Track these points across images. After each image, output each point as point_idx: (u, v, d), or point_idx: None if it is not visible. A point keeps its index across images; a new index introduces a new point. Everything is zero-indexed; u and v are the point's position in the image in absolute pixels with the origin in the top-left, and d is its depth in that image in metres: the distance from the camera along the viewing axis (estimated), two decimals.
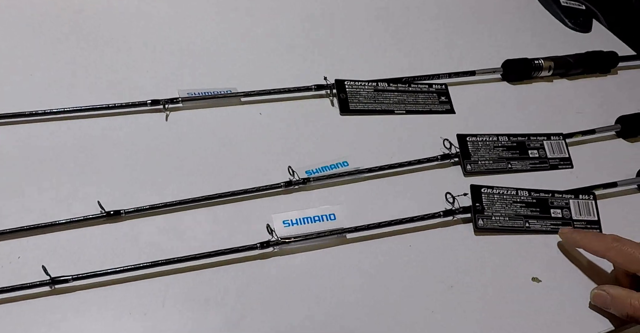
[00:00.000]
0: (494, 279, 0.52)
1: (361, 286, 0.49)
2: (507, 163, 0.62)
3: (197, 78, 0.65)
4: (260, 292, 0.48)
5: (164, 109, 0.59)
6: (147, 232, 0.50)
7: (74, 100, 0.58)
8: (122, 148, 0.56)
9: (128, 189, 0.53)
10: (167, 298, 0.46)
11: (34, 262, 0.46)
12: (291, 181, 0.55)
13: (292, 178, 0.55)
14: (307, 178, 0.56)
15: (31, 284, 0.43)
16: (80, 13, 0.70)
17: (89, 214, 0.49)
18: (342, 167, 0.57)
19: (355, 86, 0.65)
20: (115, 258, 0.47)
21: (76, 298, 0.45)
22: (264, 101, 0.63)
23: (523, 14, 0.87)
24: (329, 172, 0.57)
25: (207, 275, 0.48)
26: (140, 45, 0.68)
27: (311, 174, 0.56)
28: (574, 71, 0.75)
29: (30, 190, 0.51)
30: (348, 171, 0.57)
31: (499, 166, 0.62)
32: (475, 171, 0.61)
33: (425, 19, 0.81)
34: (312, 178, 0.56)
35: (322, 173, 0.56)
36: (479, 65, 0.72)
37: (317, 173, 0.56)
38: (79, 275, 0.44)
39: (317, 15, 0.77)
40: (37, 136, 0.56)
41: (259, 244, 0.49)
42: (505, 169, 0.62)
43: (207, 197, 0.52)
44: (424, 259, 0.52)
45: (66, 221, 0.48)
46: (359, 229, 0.52)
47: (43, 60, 0.64)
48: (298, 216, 0.51)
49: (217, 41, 0.70)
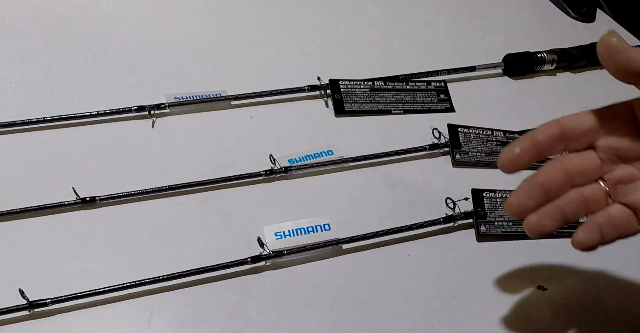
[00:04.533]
0: (498, 288, 0.50)
1: (359, 299, 0.47)
2: None
3: (184, 82, 0.63)
4: (252, 309, 0.45)
5: (150, 116, 0.57)
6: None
7: (55, 108, 0.56)
8: (107, 158, 0.54)
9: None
10: (153, 318, 0.44)
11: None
12: (272, 169, 0.53)
13: (274, 166, 0.53)
14: (288, 167, 0.54)
15: (7, 309, 0.41)
16: (62, 16, 0.68)
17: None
18: (327, 156, 0.56)
19: (350, 85, 0.63)
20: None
21: (57, 321, 0.43)
22: (256, 103, 0.61)
23: (525, 5, 0.85)
24: (313, 161, 0.55)
25: (196, 292, 0.46)
26: (124, 49, 0.66)
27: (294, 163, 0.54)
28: (578, 64, 0.73)
29: (10, 200, 0.50)
30: (332, 161, 0.55)
31: (491, 160, 0.59)
32: (464, 162, 0.59)
33: (423, 12, 0.79)
34: (294, 166, 0.54)
35: (304, 162, 0.54)
36: (480, 60, 0.70)
37: (300, 162, 0.54)
38: (58, 297, 0.42)
39: (308, 13, 0.75)
40: (18, 146, 0.54)
41: (250, 258, 0.47)
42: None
43: (185, 185, 0.52)
44: (424, 269, 0.50)
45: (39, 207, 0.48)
46: (355, 239, 0.50)
47: (23, 66, 0.62)
48: (291, 227, 0.49)
49: (205, 43, 0.68)
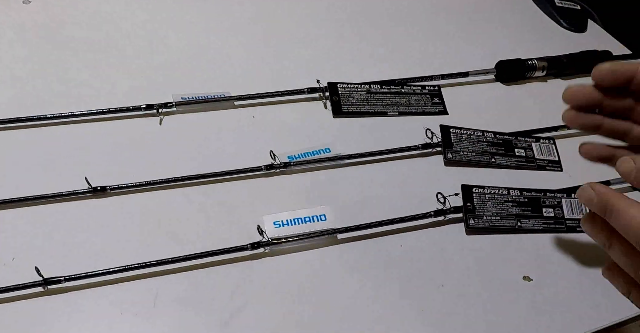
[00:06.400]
0: (485, 278, 0.52)
1: (351, 285, 0.50)
2: (490, 157, 0.62)
3: (191, 83, 0.65)
4: (251, 292, 0.48)
5: (158, 113, 0.60)
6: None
7: (74, 105, 0.59)
8: (117, 151, 0.57)
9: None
10: (158, 298, 0.46)
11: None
12: (272, 164, 0.56)
13: (274, 161, 0.56)
14: (287, 163, 0.57)
15: (24, 285, 0.44)
16: (84, 24, 0.71)
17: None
18: (324, 153, 0.59)
19: (347, 88, 0.66)
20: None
21: (69, 298, 0.45)
22: (258, 104, 0.64)
23: (518, 15, 0.87)
24: (311, 157, 0.58)
25: (198, 276, 0.48)
26: (136, 53, 0.68)
27: (293, 159, 0.57)
28: (568, 71, 0.75)
29: (29, 188, 0.52)
30: (329, 157, 0.58)
31: (482, 159, 0.61)
32: (456, 161, 0.61)
33: (418, 20, 0.82)
34: (293, 162, 0.57)
35: (303, 159, 0.58)
36: (474, 67, 0.72)
37: (299, 159, 0.58)
38: (71, 275, 0.45)
39: (309, 20, 0.78)
40: (38, 139, 0.57)
41: (250, 245, 0.49)
42: (489, 162, 0.61)
43: (189, 177, 0.55)
44: (415, 259, 0.53)
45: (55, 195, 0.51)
46: (349, 229, 0.52)
47: (45, 67, 0.65)
48: (289, 217, 0.52)
49: (211, 47, 0.71)
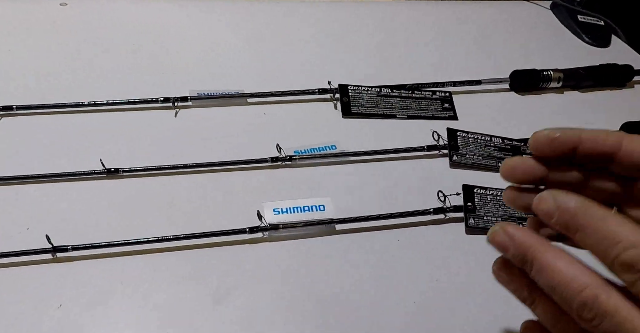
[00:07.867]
0: (481, 275, 0.52)
1: (345, 275, 0.50)
2: (497, 162, 0.62)
3: (207, 80, 0.68)
4: (245, 272, 0.49)
5: (174, 107, 0.63)
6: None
7: (98, 94, 0.63)
8: (133, 138, 0.60)
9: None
10: (158, 272, 0.48)
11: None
12: (278, 157, 0.58)
13: (280, 154, 0.58)
14: (293, 156, 0.59)
15: (35, 250, 0.47)
16: (108, 23, 0.76)
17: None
18: (330, 150, 0.61)
19: (358, 90, 0.67)
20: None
21: (76, 266, 0.48)
22: (269, 102, 0.66)
23: (540, 29, 0.88)
24: (316, 153, 0.60)
25: (197, 254, 0.50)
26: (159, 50, 0.73)
27: (299, 154, 0.59)
28: (585, 83, 0.75)
29: (50, 167, 0.55)
30: (334, 153, 0.60)
31: (488, 163, 0.61)
32: (461, 163, 0.61)
33: (441, 30, 0.84)
34: (298, 156, 0.59)
35: (308, 154, 0.59)
36: (489, 77, 0.72)
37: (305, 153, 0.59)
38: (78, 245, 0.48)
39: (324, 23, 0.81)
40: (62, 125, 0.61)
41: (248, 228, 0.51)
42: (495, 167, 0.61)
43: (198, 164, 0.57)
44: (411, 254, 0.53)
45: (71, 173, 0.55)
46: (347, 220, 0.53)
47: (75, 61, 0.70)
48: (289, 205, 0.54)
49: (228, 47, 0.75)
